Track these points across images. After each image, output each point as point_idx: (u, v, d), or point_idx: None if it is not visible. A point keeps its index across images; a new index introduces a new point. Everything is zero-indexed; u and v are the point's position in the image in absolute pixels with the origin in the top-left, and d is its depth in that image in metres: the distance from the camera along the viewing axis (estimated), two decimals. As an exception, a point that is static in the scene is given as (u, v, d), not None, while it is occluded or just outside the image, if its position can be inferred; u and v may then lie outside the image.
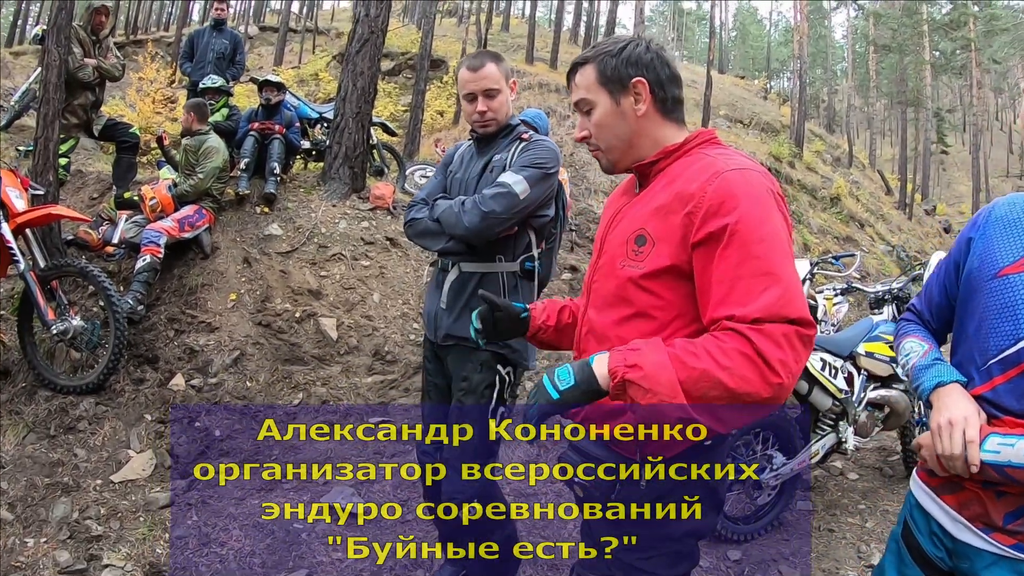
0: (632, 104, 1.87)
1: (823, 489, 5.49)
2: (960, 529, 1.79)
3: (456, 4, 41.96)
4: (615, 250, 1.90)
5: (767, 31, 57.06)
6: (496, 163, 3.07)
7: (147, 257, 6.11)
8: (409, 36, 23.95)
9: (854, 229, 17.50)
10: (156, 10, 41.77)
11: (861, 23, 40.30)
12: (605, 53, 1.88)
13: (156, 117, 12.68)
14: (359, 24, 8.07)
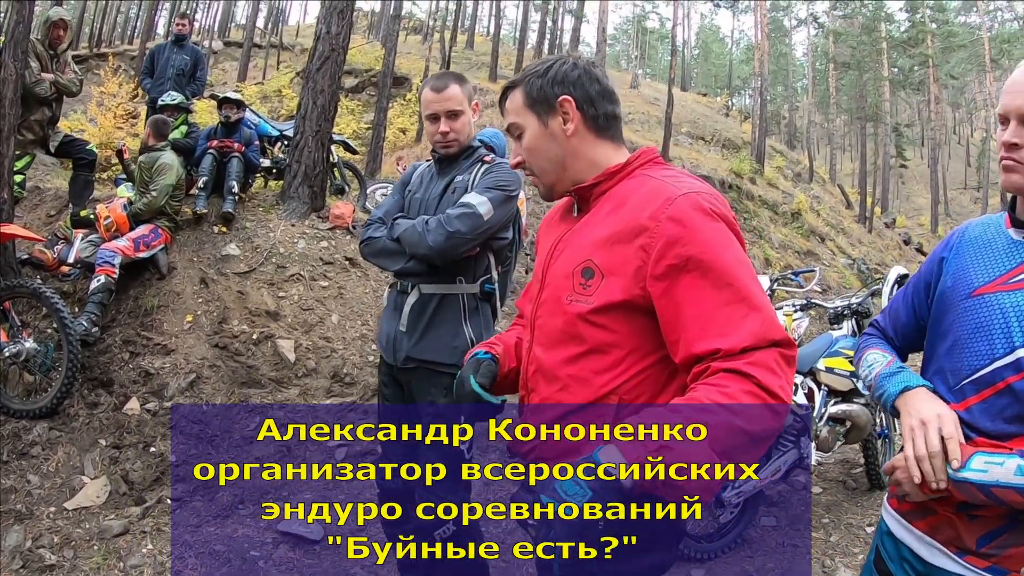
0: (560, 124, 1.78)
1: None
2: (933, 553, 1.78)
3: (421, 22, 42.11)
4: (559, 283, 1.79)
5: (729, 49, 57.78)
6: (458, 184, 3.06)
7: (101, 277, 6.00)
8: (373, 53, 23.94)
9: (815, 243, 17.72)
10: (121, 23, 41.46)
11: (821, 41, 41.00)
12: (532, 75, 1.82)
13: (117, 132, 12.53)
14: (320, 41, 8.06)
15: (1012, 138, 1.65)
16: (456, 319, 3.06)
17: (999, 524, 1.68)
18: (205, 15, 43.02)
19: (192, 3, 45.28)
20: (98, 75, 16.62)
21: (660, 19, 57.65)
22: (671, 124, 17.71)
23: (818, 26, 40.34)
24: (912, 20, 33.75)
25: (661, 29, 57.62)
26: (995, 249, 1.76)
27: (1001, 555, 1.68)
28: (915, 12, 33.65)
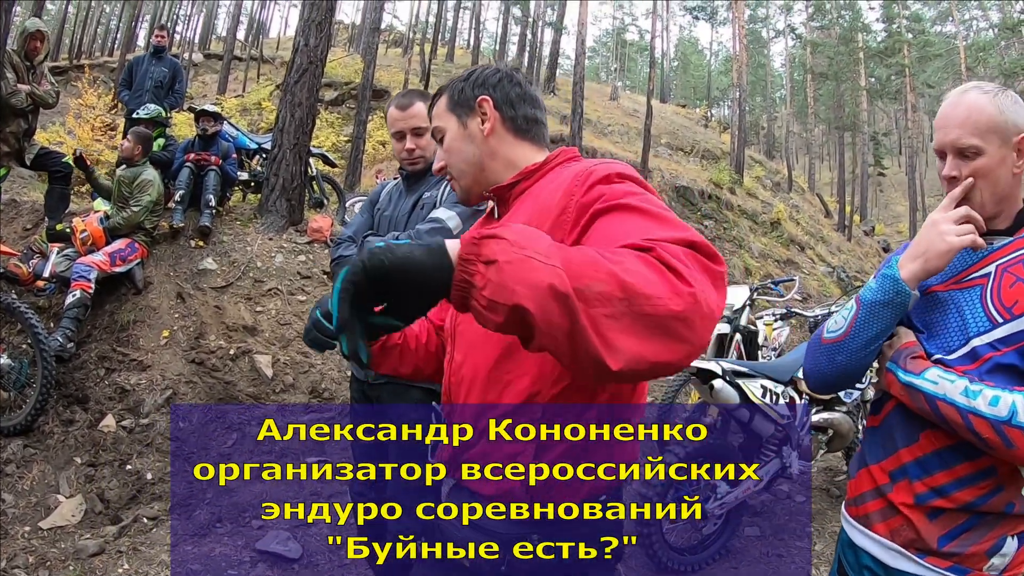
0: (479, 124, 1.76)
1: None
2: (894, 557, 1.81)
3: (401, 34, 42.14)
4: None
5: (707, 61, 58.02)
6: (426, 200, 3.06)
7: (77, 292, 5.94)
8: (353, 66, 23.94)
9: (795, 252, 17.82)
10: (101, 35, 41.28)
11: (799, 52, 41.30)
12: (457, 80, 1.83)
13: (95, 144, 12.44)
14: (298, 54, 8.06)
15: (951, 171, 1.76)
16: None
17: (960, 522, 1.72)
18: (186, 27, 42.87)
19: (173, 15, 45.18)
20: (76, 87, 16.52)
21: (639, 31, 57.80)
22: (650, 135, 17.80)
23: (796, 37, 40.69)
24: (888, 30, 34.09)
25: (640, 41, 57.82)
26: None
27: (963, 553, 1.72)
28: (891, 22, 34.01)
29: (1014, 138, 1.73)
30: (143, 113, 8.01)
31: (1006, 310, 1.71)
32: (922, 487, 1.75)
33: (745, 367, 4.64)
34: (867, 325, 1.79)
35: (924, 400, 1.71)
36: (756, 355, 6.50)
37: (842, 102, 32.88)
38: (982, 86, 1.80)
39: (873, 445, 1.91)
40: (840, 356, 1.84)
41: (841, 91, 32.72)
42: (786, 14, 41.52)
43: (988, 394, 1.63)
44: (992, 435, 1.62)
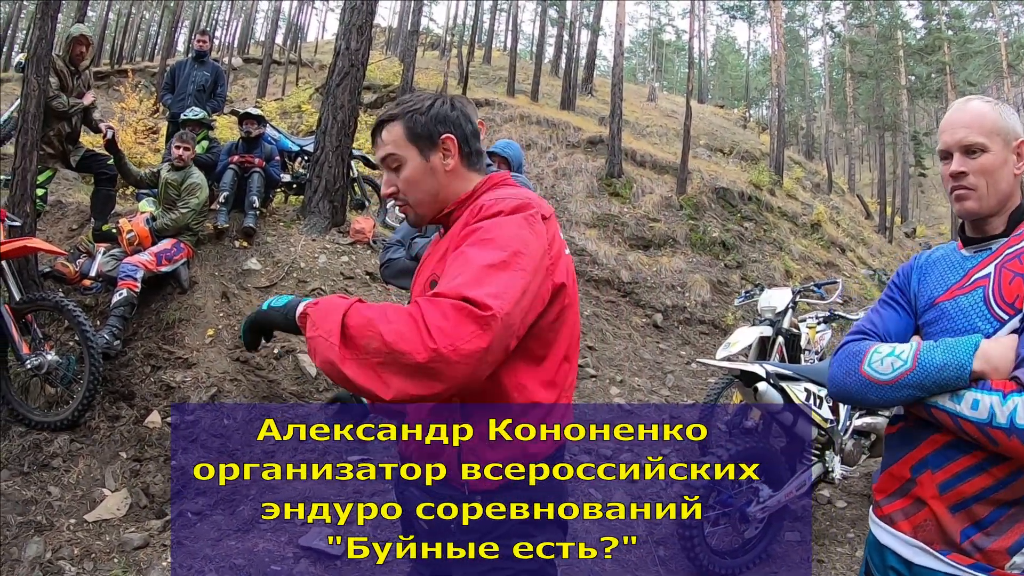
0: (441, 159, 1.94)
1: (811, 519, 5.45)
2: (916, 553, 1.83)
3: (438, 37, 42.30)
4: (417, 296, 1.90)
5: (745, 60, 57.45)
6: None
7: (123, 291, 6.05)
8: (391, 69, 24.04)
9: (835, 254, 17.55)
10: (141, 40, 41.93)
11: (837, 50, 40.67)
12: (413, 111, 1.94)
13: (138, 147, 12.62)
14: (340, 57, 8.11)
15: (959, 167, 1.86)
16: None
17: (982, 515, 1.74)
18: (225, 32, 43.43)
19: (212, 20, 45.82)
20: (119, 91, 16.76)
21: (676, 32, 57.55)
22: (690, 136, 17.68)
23: (834, 35, 40.08)
24: (928, 27, 33.43)
25: (677, 41, 57.51)
26: (951, 265, 1.98)
27: (985, 549, 1.73)
28: (931, 19, 33.36)
29: (1014, 142, 1.87)
30: (190, 115, 8.11)
31: (1009, 306, 1.79)
32: (944, 475, 1.78)
33: (789, 370, 4.59)
34: (915, 389, 1.79)
35: (923, 409, 1.80)
36: (799, 358, 6.43)
37: (882, 101, 32.39)
38: (983, 97, 1.94)
39: (892, 448, 1.96)
40: (873, 395, 1.87)
41: (881, 90, 32.23)
42: (824, 12, 40.99)
43: (970, 397, 1.70)
44: (980, 436, 1.68)
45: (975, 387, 1.70)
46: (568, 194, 14.02)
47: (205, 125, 8.29)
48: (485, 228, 1.72)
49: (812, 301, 7.36)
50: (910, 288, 2.05)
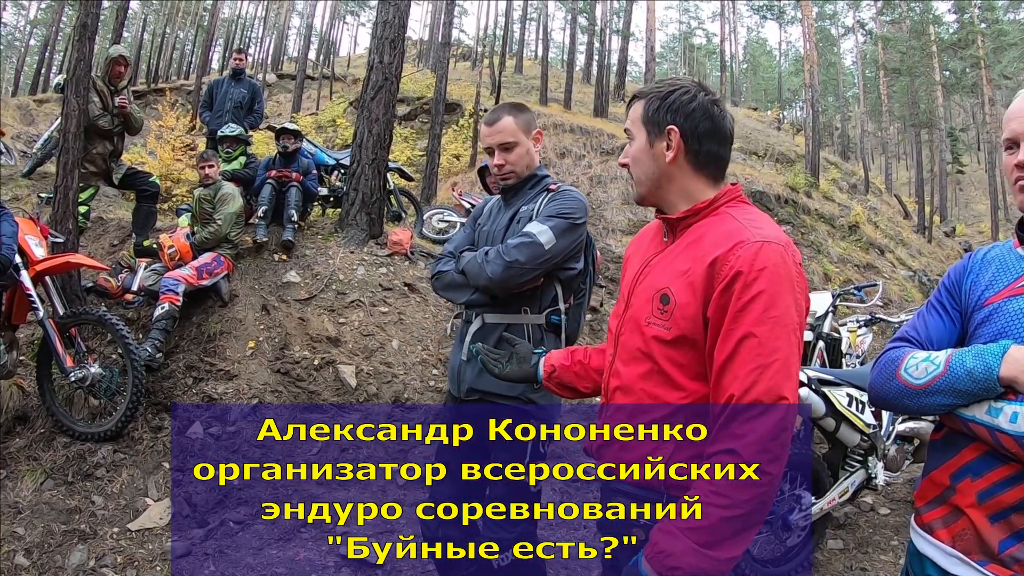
0: (663, 149, 1.91)
1: (854, 526, 5.36)
2: (954, 563, 1.78)
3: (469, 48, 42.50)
4: (642, 305, 1.95)
5: (777, 62, 57.08)
6: (523, 214, 3.03)
7: (165, 305, 6.15)
8: (424, 81, 24.23)
9: (874, 256, 17.36)
10: (176, 59, 42.64)
11: (870, 48, 40.27)
12: (655, 93, 1.93)
13: (176, 164, 12.83)
14: (373, 71, 8.16)
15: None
16: None
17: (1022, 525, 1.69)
18: (258, 49, 44.06)
19: (245, 38, 46.51)
20: (156, 109, 17.05)
21: (706, 35, 57.40)
22: (723, 140, 17.50)
23: (866, 33, 39.73)
24: (961, 21, 32.90)
25: (708, 45, 57.34)
26: (1006, 265, 1.89)
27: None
28: (963, 13, 32.83)
29: None
30: (227, 131, 8.25)
31: None
32: (983, 484, 1.73)
33: (830, 375, 4.53)
34: (946, 395, 1.76)
35: (960, 423, 1.75)
36: (840, 362, 6.35)
37: (916, 98, 31.89)
38: None
39: (936, 453, 1.91)
40: (908, 401, 1.84)
41: (915, 87, 31.76)
42: (855, 10, 40.59)
43: (1008, 410, 1.64)
44: (1019, 450, 1.63)
45: (1015, 399, 1.64)
46: (604, 201, 14.01)
47: (242, 141, 8.40)
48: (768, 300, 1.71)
49: (852, 304, 7.26)
50: (960, 290, 1.96)
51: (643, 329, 1.91)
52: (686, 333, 1.81)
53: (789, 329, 1.71)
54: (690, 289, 1.80)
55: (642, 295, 1.96)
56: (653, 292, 1.90)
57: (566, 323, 3.08)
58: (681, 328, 1.82)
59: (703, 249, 1.81)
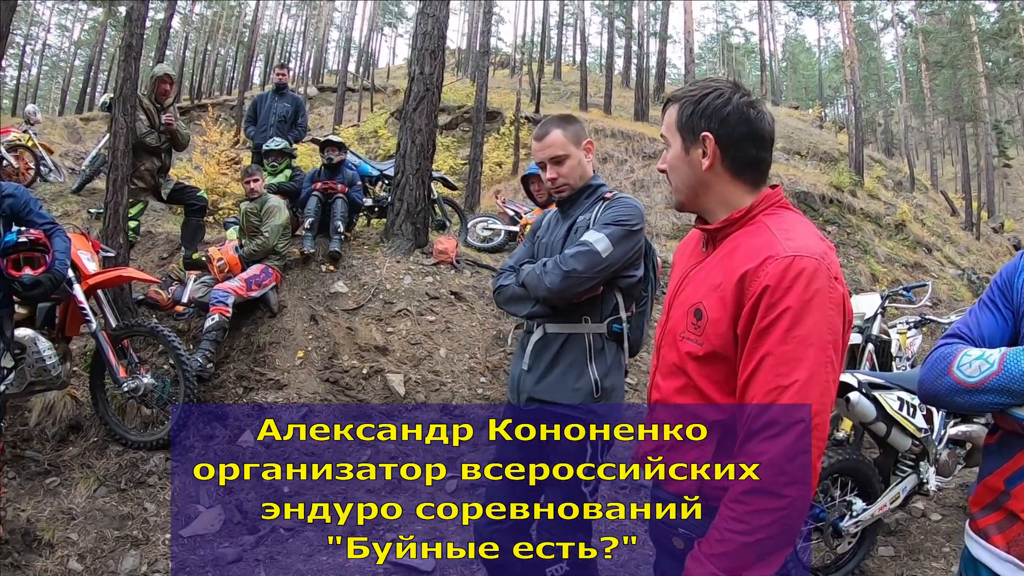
0: (699, 156, 1.85)
1: (905, 533, 5.25)
2: (1010, 569, 1.77)
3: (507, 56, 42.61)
4: (678, 319, 1.93)
5: (817, 59, 56.33)
6: (580, 224, 3.04)
7: (215, 316, 6.27)
8: (463, 90, 24.35)
9: (922, 255, 17.04)
10: (218, 75, 43.33)
11: (910, 41, 39.47)
12: (688, 98, 1.88)
13: (221, 178, 13.01)
14: (414, 82, 8.23)
15: None
16: (581, 359, 2.98)
17: None
18: (298, 63, 44.63)
19: (285, 53, 47.13)
20: (199, 125, 17.32)
21: (744, 34, 56.88)
22: (766, 141, 17.36)
23: (905, 26, 38.98)
24: (1001, 10, 31.93)
25: (747, 44, 56.78)
26: None
27: None
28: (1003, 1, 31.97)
29: None
30: (272, 145, 8.36)
31: None
32: None
33: (881, 378, 4.43)
34: (999, 393, 1.74)
35: (1014, 422, 1.74)
36: (889, 365, 6.23)
37: (960, 91, 31.11)
38: None
39: (990, 457, 1.89)
40: (960, 399, 1.81)
41: (958, 79, 30.97)
42: (893, 2, 39.85)
43: None
44: None
45: None
46: (647, 206, 13.95)
47: (287, 154, 8.51)
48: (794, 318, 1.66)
49: (901, 305, 7.14)
50: (1012, 289, 1.90)
51: (678, 344, 1.90)
52: (717, 349, 1.78)
53: (817, 348, 1.64)
54: (721, 304, 1.77)
55: (679, 308, 1.94)
56: (688, 306, 1.89)
57: (628, 331, 3.07)
58: (713, 344, 1.79)
59: (735, 262, 1.78)
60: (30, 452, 5.50)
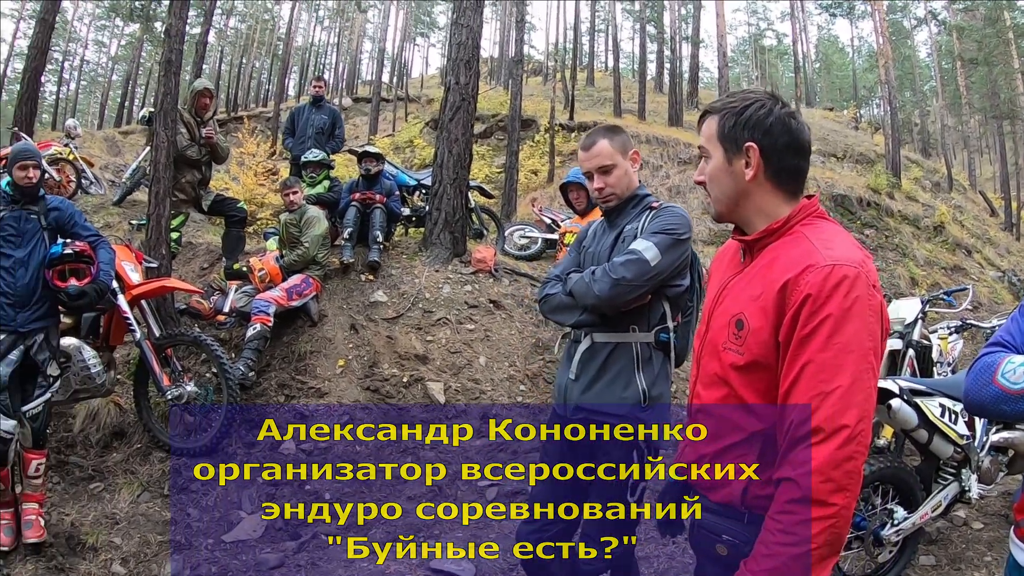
0: (742, 167, 1.87)
1: (946, 542, 5.15)
2: None
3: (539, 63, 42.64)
4: (719, 330, 1.95)
5: (851, 59, 55.52)
6: (627, 233, 3.04)
7: (257, 326, 6.37)
8: (497, 98, 24.41)
9: (961, 257, 16.75)
10: (254, 88, 43.85)
11: (944, 39, 38.75)
12: (729, 109, 1.89)
13: (259, 189, 13.17)
14: (450, 92, 8.29)
15: None
16: (628, 368, 2.99)
17: None
18: (332, 74, 45.02)
19: (319, 64, 47.61)
20: (236, 137, 17.55)
21: (777, 36, 56.41)
22: (802, 144, 17.23)
23: (939, 23, 38.35)
24: (1035, 3, 31.42)
25: (779, 46, 56.30)
26: None
27: None
28: (1037, -5, 31.33)
29: None
30: (311, 156, 8.47)
31: None
32: None
33: (922, 384, 4.37)
34: None
35: None
36: (931, 371, 6.13)
37: (996, 88, 30.55)
38: None
39: None
40: (1006, 407, 1.81)
41: (994, 76, 30.34)
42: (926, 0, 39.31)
43: None
44: None
45: None
46: (683, 214, 13.92)
47: (325, 165, 8.60)
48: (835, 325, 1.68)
49: (941, 310, 7.03)
50: None
51: (720, 355, 1.92)
52: (759, 358, 1.81)
53: (858, 355, 1.67)
54: (763, 314, 1.79)
55: (719, 319, 1.96)
56: (729, 317, 1.91)
57: (675, 341, 3.07)
58: (754, 353, 1.81)
59: (775, 273, 1.80)
60: (74, 458, 5.65)
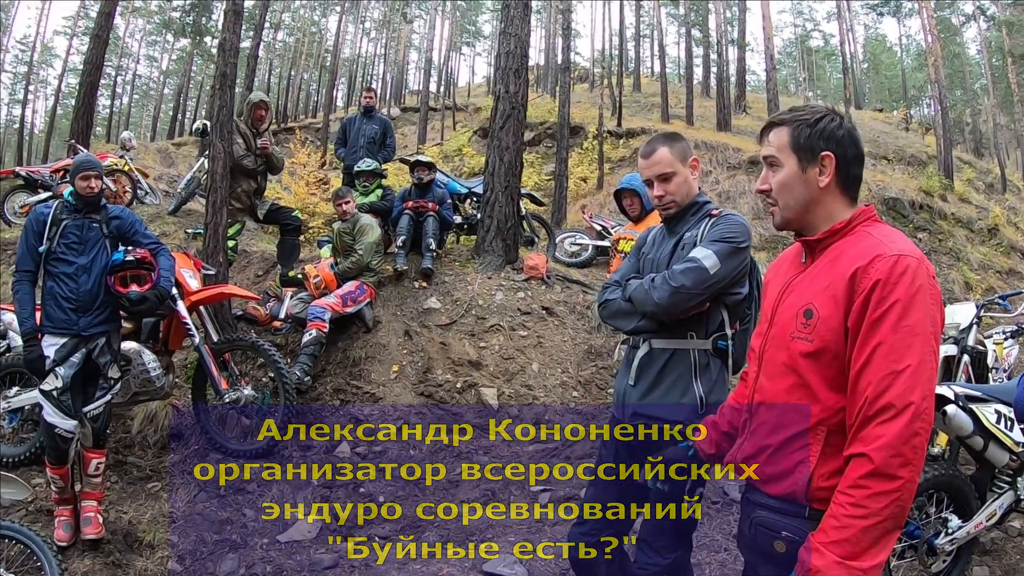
0: (817, 175, 1.98)
1: (1001, 552, 5.03)
2: None
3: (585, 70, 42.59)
4: (786, 322, 2.03)
5: (899, 58, 54.42)
6: (687, 240, 3.06)
7: (313, 332, 6.52)
8: (544, 105, 24.44)
9: (1016, 260, 16.32)
10: (303, 99, 44.49)
11: (994, 35, 37.87)
12: (802, 121, 2.00)
13: (311, 198, 13.37)
14: (500, 101, 8.37)
15: None
16: (686, 375, 3.00)
17: None
18: (380, 84, 45.51)
19: (367, 75, 48.18)
20: (287, 147, 17.82)
21: (824, 36, 55.64)
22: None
23: (988, 19, 37.47)
24: (1086, -6, 30.52)
25: (826, 47, 55.49)
26: None
27: None
28: (1089, -13, 30.40)
29: None
30: (363, 166, 8.61)
31: None
32: None
33: (978, 391, 4.30)
34: None
35: None
36: (986, 377, 6.04)
37: (1048, 84, 29.86)
38: None
39: None
40: None
41: (1045, 72, 29.73)
42: (974, -3, 38.42)
43: None
44: None
45: None
46: (733, 220, 13.82)
47: (378, 174, 8.73)
48: (903, 309, 1.78)
49: (997, 315, 6.93)
50: None
51: (788, 345, 1.99)
52: (828, 345, 1.88)
53: (923, 338, 1.76)
54: (832, 302, 1.88)
55: (786, 312, 2.04)
56: (797, 309, 1.99)
57: (733, 348, 3.07)
58: (824, 340, 1.89)
59: (842, 266, 1.89)
60: (132, 458, 5.83)
